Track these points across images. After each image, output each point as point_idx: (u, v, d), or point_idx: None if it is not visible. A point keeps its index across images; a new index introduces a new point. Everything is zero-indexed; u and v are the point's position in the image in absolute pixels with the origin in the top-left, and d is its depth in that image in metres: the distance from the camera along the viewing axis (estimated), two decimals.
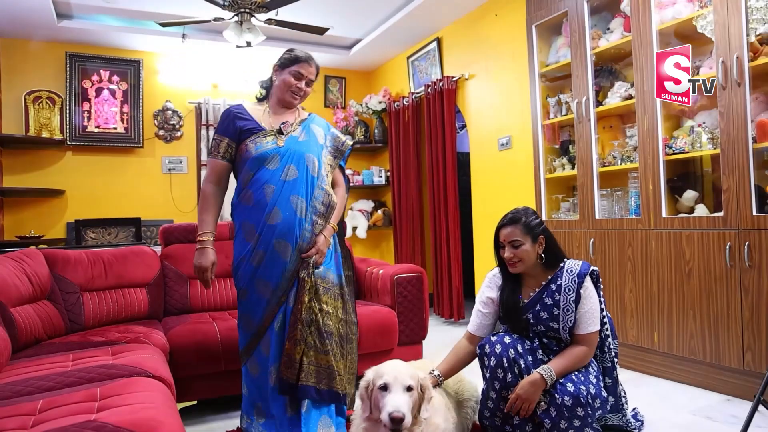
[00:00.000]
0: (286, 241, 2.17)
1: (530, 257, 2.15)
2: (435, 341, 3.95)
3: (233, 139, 2.25)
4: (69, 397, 1.55)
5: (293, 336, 2.13)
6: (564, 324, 2.12)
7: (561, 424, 1.98)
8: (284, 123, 2.28)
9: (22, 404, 1.51)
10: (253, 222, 2.19)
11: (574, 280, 2.14)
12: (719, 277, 2.72)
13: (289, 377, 2.10)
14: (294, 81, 2.28)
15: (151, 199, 5.20)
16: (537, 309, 2.17)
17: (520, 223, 2.16)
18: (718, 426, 2.36)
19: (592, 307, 2.12)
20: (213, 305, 3.21)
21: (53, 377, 1.75)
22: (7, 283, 2.20)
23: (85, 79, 4.94)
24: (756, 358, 2.58)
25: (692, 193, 3.01)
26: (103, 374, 1.78)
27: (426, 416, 1.82)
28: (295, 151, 2.23)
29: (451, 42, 4.97)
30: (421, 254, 5.35)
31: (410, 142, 5.40)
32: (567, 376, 2.05)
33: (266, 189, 2.17)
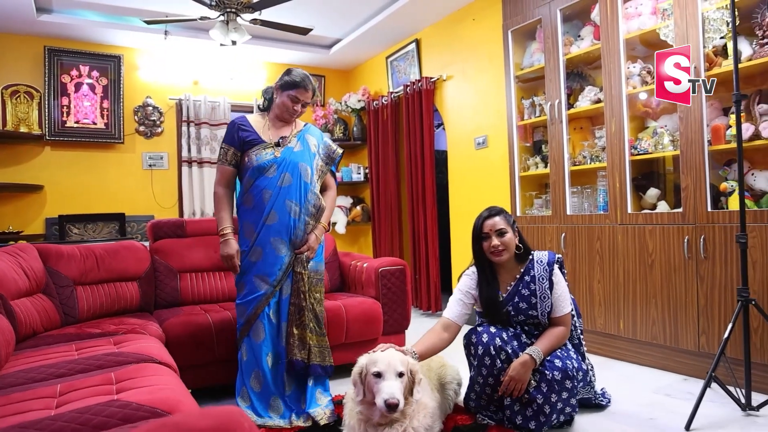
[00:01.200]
0: (282, 239, 2.49)
1: (512, 246, 2.36)
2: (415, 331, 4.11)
3: (238, 148, 2.57)
4: (85, 381, 1.65)
5: (302, 322, 2.46)
6: (542, 310, 2.33)
7: (552, 398, 2.18)
8: (282, 138, 2.59)
9: (40, 389, 1.60)
10: (253, 222, 2.51)
11: (545, 269, 2.36)
12: (678, 267, 2.96)
13: (303, 358, 2.45)
14: (291, 104, 2.58)
15: (131, 195, 5.22)
16: (516, 301, 2.36)
17: (502, 215, 2.40)
18: (675, 402, 2.59)
19: (563, 291, 2.35)
20: (203, 298, 3.30)
21: (63, 365, 1.85)
22: (7, 277, 2.27)
23: (64, 74, 4.93)
24: (709, 341, 2.82)
25: (655, 190, 3.24)
26: (111, 361, 1.88)
27: (418, 397, 1.98)
28: (290, 160, 2.54)
29: (429, 43, 5.13)
30: (399, 249, 5.51)
31: (389, 140, 5.54)
32: (552, 353, 2.26)
33: (264, 194, 2.49)
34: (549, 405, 2.19)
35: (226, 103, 5.63)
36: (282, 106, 2.59)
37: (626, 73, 3.27)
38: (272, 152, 2.54)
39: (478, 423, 2.35)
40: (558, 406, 2.21)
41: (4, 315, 2.06)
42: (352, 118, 6.22)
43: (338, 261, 3.74)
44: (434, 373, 2.42)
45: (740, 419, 2.34)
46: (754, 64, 2.72)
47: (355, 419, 2.00)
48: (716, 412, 2.42)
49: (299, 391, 2.52)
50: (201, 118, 5.48)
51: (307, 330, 2.49)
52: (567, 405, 2.25)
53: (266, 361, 2.49)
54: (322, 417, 2.42)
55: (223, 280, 3.40)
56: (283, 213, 2.49)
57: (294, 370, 2.47)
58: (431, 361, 2.45)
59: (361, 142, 6.17)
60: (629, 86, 3.27)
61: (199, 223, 3.56)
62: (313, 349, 2.50)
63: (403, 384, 1.94)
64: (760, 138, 2.69)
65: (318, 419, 2.40)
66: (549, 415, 2.19)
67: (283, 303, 2.51)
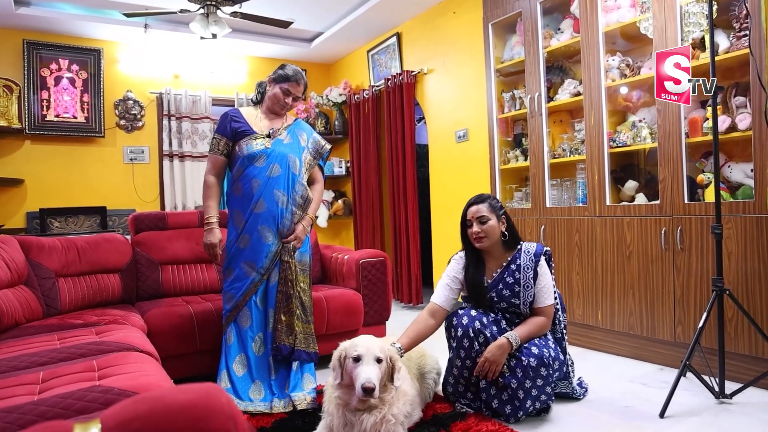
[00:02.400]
0: (269, 227, 2.57)
1: (495, 233, 2.43)
2: (396, 324, 4.15)
3: (230, 139, 2.64)
4: (67, 368, 1.66)
5: (289, 309, 2.55)
6: (524, 299, 2.38)
7: (525, 384, 2.22)
8: (272, 129, 2.66)
9: (23, 376, 1.61)
10: (241, 210, 2.58)
11: (531, 260, 2.42)
12: (655, 258, 3.02)
13: (290, 344, 2.53)
14: (282, 96, 2.67)
15: (113, 189, 5.18)
16: (500, 287, 2.42)
17: (486, 202, 2.47)
18: (651, 391, 2.65)
19: (547, 283, 2.41)
20: (184, 289, 3.30)
21: (46, 353, 1.85)
22: None
23: (44, 67, 4.87)
24: (685, 331, 2.89)
25: (633, 183, 3.30)
26: (93, 350, 1.88)
27: (398, 384, 2.01)
28: (279, 152, 2.62)
29: (410, 37, 5.15)
30: (380, 242, 5.54)
31: (370, 134, 5.56)
32: (530, 341, 2.32)
33: (253, 183, 2.56)
34: (523, 391, 2.23)
35: (207, 96, 5.60)
36: (274, 98, 2.68)
37: (605, 66, 3.32)
38: (263, 143, 2.62)
39: (457, 411, 2.39)
40: (533, 392, 2.25)
41: None
42: (334, 111, 6.22)
43: (319, 253, 3.76)
44: (414, 363, 2.45)
45: (713, 407, 2.40)
46: (731, 57, 2.77)
47: (333, 404, 2.03)
48: (690, 400, 2.48)
49: (284, 376, 2.58)
50: (182, 112, 5.45)
51: (294, 317, 2.57)
52: (542, 393, 2.30)
53: (252, 346, 2.56)
54: (301, 402, 2.48)
55: (204, 272, 3.40)
56: (271, 202, 2.57)
57: (281, 355, 2.55)
58: (411, 350, 2.48)
59: (342, 135, 6.18)
60: (608, 79, 3.32)
61: (181, 215, 3.55)
62: (298, 335, 2.57)
63: (381, 370, 1.97)
64: (736, 130, 2.76)
65: (297, 403, 2.46)
66: (523, 401, 2.24)
67: (270, 290, 2.59)
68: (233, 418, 0.66)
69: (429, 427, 2.24)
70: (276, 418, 2.39)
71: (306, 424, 2.30)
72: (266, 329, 2.59)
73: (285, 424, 2.33)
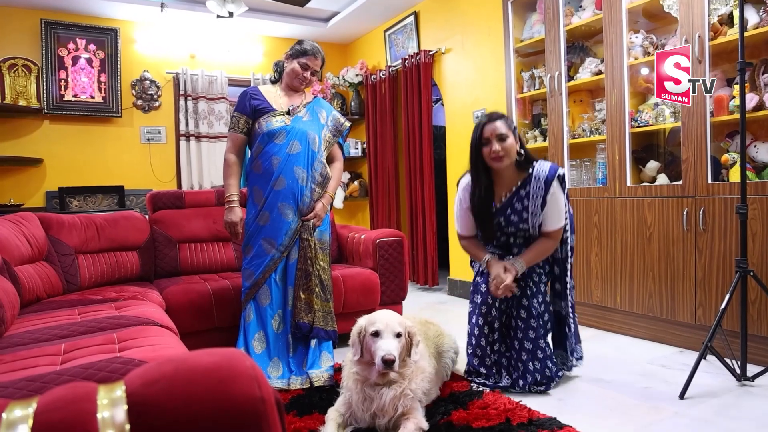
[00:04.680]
0: (289, 204, 2.57)
1: (513, 152, 2.36)
2: (412, 304, 4.16)
3: (249, 116, 2.64)
4: (89, 341, 1.67)
5: (309, 286, 2.56)
6: (533, 224, 2.43)
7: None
8: (292, 107, 2.66)
9: (45, 347, 1.63)
10: (261, 187, 2.58)
11: (540, 188, 2.38)
12: (677, 240, 2.97)
13: (309, 321, 2.54)
14: (301, 71, 2.66)
15: (130, 169, 5.21)
16: (508, 213, 2.43)
17: (503, 119, 2.38)
18: (670, 372, 2.62)
19: (558, 208, 2.39)
20: (202, 268, 3.32)
21: (66, 326, 1.87)
22: (10, 243, 2.28)
23: (61, 47, 4.88)
24: (706, 313, 2.85)
25: (655, 163, 3.23)
26: (113, 323, 1.90)
27: (416, 359, 2.01)
28: (299, 129, 2.61)
29: (428, 16, 5.07)
30: (396, 224, 5.52)
31: (387, 115, 5.51)
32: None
33: (273, 160, 2.57)
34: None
35: (223, 77, 5.58)
36: (292, 73, 2.67)
37: (628, 44, 3.24)
38: (282, 120, 2.62)
39: (473, 390, 2.38)
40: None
41: (9, 280, 2.08)
42: (350, 92, 6.18)
43: (336, 233, 3.75)
44: (432, 342, 2.44)
45: (735, 389, 2.37)
46: (761, 33, 2.68)
47: (352, 380, 2.03)
48: (711, 381, 2.45)
49: (302, 353, 2.59)
50: (198, 92, 5.45)
51: (314, 295, 2.59)
52: (537, 348, 2.41)
53: (271, 323, 2.58)
54: (318, 379, 2.49)
55: (221, 250, 3.42)
56: (291, 179, 2.57)
57: (300, 332, 2.56)
58: (428, 330, 2.48)
59: (358, 116, 6.14)
60: (631, 57, 3.24)
61: (198, 194, 3.56)
62: (317, 313, 2.59)
63: (400, 344, 1.97)
64: (764, 108, 2.68)
65: (314, 380, 2.48)
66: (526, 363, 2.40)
67: (290, 268, 2.60)
68: (257, 380, 0.65)
69: (446, 404, 2.25)
70: (293, 394, 2.41)
71: (323, 401, 2.31)
72: (285, 307, 2.60)
73: (302, 400, 2.34)
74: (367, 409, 1.96)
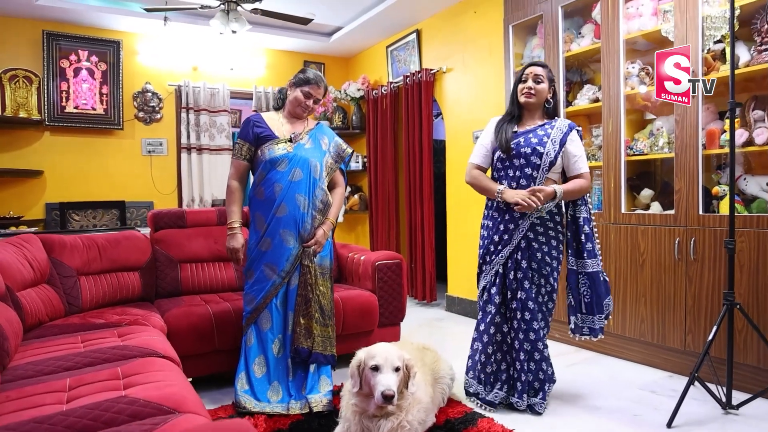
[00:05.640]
0: (290, 231, 2.62)
1: (542, 95, 2.66)
2: (410, 322, 4.21)
3: (252, 144, 2.69)
4: (93, 375, 1.71)
5: (308, 312, 2.61)
6: (543, 163, 2.57)
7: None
8: (294, 134, 2.71)
9: (50, 382, 1.67)
10: (263, 214, 2.63)
11: (561, 130, 2.62)
12: (668, 268, 3.03)
13: (308, 346, 2.59)
14: (303, 99, 2.72)
15: (131, 181, 5.24)
16: (528, 137, 2.62)
17: (546, 68, 2.70)
18: (660, 399, 2.68)
19: (582, 152, 2.64)
20: (202, 288, 3.36)
21: (71, 357, 1.91)
22: (12, 268, 2.32)
23: (63, 58, 4.91)
24: (695, 339, 2.91)
25: (649, 191, 3.29)
26: (117, 354, 1.94)
27: (413, 390, 2.06)
28: (301, 156, 2.66)
29: (430, 34, 5.13)
30: (396, 239, 5.57)
31: (387, 130, 5.57)
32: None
33: (275, 187, 2.61)
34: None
35: (225, 89, 5.63)
36: (295, 101, 2.73)
37: (625, 74, 3.30)
38: (285, 147, 2.67)
39: (467, 417, 2.43)
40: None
41: (12, 306, 2.12)
42: (352, 106, 6.23)
43: (336, 252, 3.79)
44: (428, 368, 2.49)
45: (720, 417, 2.44)
46: (751, 71, 2.76)
47: (350, 411, 2.08)
48: (698, 410, 2.51)
49: (302, 378, 2.64)
50: (200, 104, 5.49)
51: (313, 320, 2.63)
52: (535, 350, 2.58)
53: (272, 348, 2.63)
54: (317, 404, 2.53)
55: (222, 271, 3.46)
56: (293, 206, 2.62)
57: (299, 357, 2.61)
58: (425, 356, 2.53)
59: (359, 130, 6.19)
60: (627, 86, 3.31)
61: (199, 213, 3.60)
62: (316, 338, 2.64)
63: (398, 378, 2.02)
64: (753, 144, 2.75)
65: (313, 406, 2.52)
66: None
67: (290, 294, 2.65)
68: None
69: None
70: (293, 419, 2.46)
71: (322, 426, 2.36)
72: (285, 332, 2.64)
73: (301, 425, 2.39)
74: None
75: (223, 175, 5.41)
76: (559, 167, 2.62)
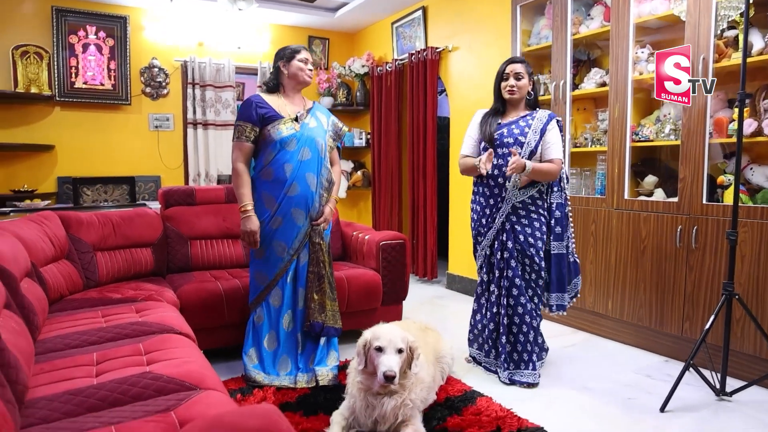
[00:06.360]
0: (300, 210, 2.69)
1: (525, 89, 2.86)
2: (412, 299, 4.31)
3: (256, 124, 2.68)
4: (117, 351, 1.81)
5: (321, 288, 2.73)
6: (523, 153, 2.77)
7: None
8: (300, 113, 2.73)
9: (78, 356, 1.76)
10: (273, 194, 2.67)
11: (541, 120, 2.82)
12: (669, 255, 3.10)
13: (322, 320, 2.71)
14: (304, 66, 2.75)
15: (138, 156, 5.30)
16: (511, 128, 2.84)
17: (524, 63, 2.88)
18: (655, 383, 2.77)
19: (557, 140, 2.81)
20: (212, 264, 3.45)
21: (94, 332, 2.00)
22: (36, 246, 2.40)
23: (72, 34, 4.91)
24: (693, 327, 2.99)
25: (653, 178, 3.34)
26: (137, 330, 2.03)
27: (416, 371, 2.15)
28: (308, 136, 2.71)
29: (436, 12, 5.11)
30: (398, 215, 5.64)
31: (392, 107, 5.59)
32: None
33: (286, 167, 2.65)
34: None
35: (230, 65, 5.63)
36: (297, 72, 2.75)
37: (633, 58, 3.30)
38: (292, 127, 2.70)
39: (466, 395, 2.54)
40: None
41: (37, 282, 2.20)
42: (356, 83, 6.23)
43: (340, 231, 3.87)
44: (430, 348, 2.58)
45: (713, 403, 2.52)
46: (765, 59, 2.74)
47: (356, 388, 2.17)
48: (692, 395, 2.59)
49: (310, 351, 2.76)
50: (206, 80, 5.50)
51: (326, 296, 2.75)
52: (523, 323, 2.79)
53: (282, 323, 2.72)
54: (323, 377, 2.66)
55: (230, 247, 3.54)
56: (304, 185, 2.68)
57: (314, 331, 2.73)
58: (427, 336, 2.63)
59: (363, 107, 6.20)
60: (636, 71, 3.31)
61: (208, 191, 3.67)
62: (328, 312, 2.75)
63: (401, 359, 2.10)
64: (762, 134, 2.76)
65: (320, 378, 2.65)
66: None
67: (300, 270, 2.74)
68: None
69: (442, 410, 2.40)
70: (300, 393, 2.56)
71: (327, 401, 2.46)
72: (296, 307, 2.74)
73: (308, 399, 2.50)
74: (369, 416, 2.11)
75: (228, 150, 5.45)
76: (539, 156, 2.81)
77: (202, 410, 1.37)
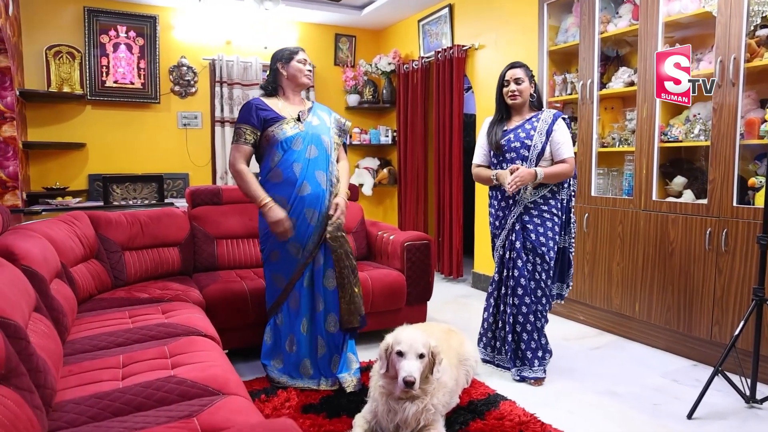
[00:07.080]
0: (313, 209, 2.66)
1: (526, 93, 2.88)
2: (437, 298, 4.30)
3: (256, 127, 2.65)
4: (143, 353, 1.85)
5: (357, 281, 2.78)
6: (531, 156, 2.79)
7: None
8: (301, 111, 2.74)
9: (105, 358, 1.81)
10: (284, 195, 2.63)
11: (546, 121, 2.82)
12: (698, 258, 3.03)
13: (354, 323, 2.72)
14: (303, 66, 2.75)
15: (167, 153, 5.40)
16: (517, 132, 2.85)
17: (523, 68, 2.90)
18: (682, 388, 2.72)
19: (566, 139, 2.80)
20: (237, 263, 3.50)
21: (121, 333, 2.06)
22: (66, 246, 2.47)
23: (103, 33, 5.02)
24: (722, 331, 2.93)
25: (681, 179, 3.26)
26: (163, 332, 2.08)
27: (438, 376, 2.15)
28: (313, 133, 2.70)
29: (463, 9, 5.07)
30: (423, 213, 5.63)
31: (418, 105, 5.57)
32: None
33: (295, 167, 2.63)
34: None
35: (258, 63, 5.68)
36: (296, 73, 2.75)
37: None
38: (296, 126, 2.68)
39: (490, 399, 2.53)
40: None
41: (66, 283, 2.27)
42: (382, 80, 6.23)
43: (365, 230, 3.88)
44: (453, 351, 2.58)
45: (743, 411, 2.46)
46: None
47: (378, 392, 2.18)
48: (720, 401, 2.54)
49: (330, 355, 2.72)
50: (233, 78, 5.57)
51: (358, 286, 2.77)
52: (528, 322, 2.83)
53: (301, 326, 2.71)
54: (348, 384, 2.63)
55: (256, 247, 3.58)
56: (314, 184, 2.65)
57: (362, 326, 2.76)
58: (451, 338, 2.62)
59: (389, 105, 6.20)
60: None
61: (234, 191, 3.70)
62: (357, 301, 2.74)
63: (422, 364, 2.10)
64: None
65: (345, 386, 2.62)
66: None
67: (317, 273, 2.69)
68: None
69: (465, 414, 2.40)
70: (323, 394, 2.59)
71: (350, 403, 2.48)
72: (313, 311, 2.71)
73: (331, 401, 2.53)
74: (391, 421, 2.12)
75: None
76: (548, 156, 2.81)
77: (225, 416, 1.40)
